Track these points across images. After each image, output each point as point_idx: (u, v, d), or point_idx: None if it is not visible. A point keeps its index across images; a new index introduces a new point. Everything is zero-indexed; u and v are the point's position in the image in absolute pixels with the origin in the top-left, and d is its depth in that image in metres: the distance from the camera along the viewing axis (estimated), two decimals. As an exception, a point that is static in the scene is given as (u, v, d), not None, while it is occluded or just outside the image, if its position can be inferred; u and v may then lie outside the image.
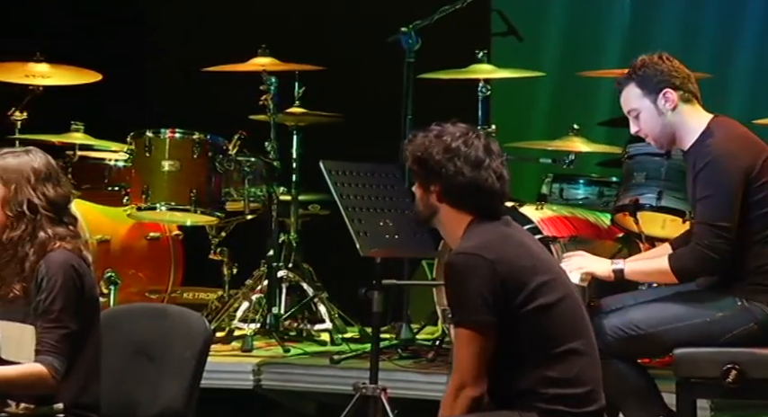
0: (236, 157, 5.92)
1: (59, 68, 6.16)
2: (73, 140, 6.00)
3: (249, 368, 5.36)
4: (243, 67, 6.11)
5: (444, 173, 3.37)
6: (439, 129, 3.43)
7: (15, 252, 3.63)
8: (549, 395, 3.32)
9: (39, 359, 3.58)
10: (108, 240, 5.87)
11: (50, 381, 3.57)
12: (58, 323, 3.59)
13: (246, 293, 5.95)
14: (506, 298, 3.30)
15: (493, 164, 3.41)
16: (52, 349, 3.58)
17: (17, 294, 3.64)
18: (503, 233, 3.42)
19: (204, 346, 3.88)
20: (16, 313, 3.66)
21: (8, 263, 3.64)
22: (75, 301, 3.62)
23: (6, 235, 3.65)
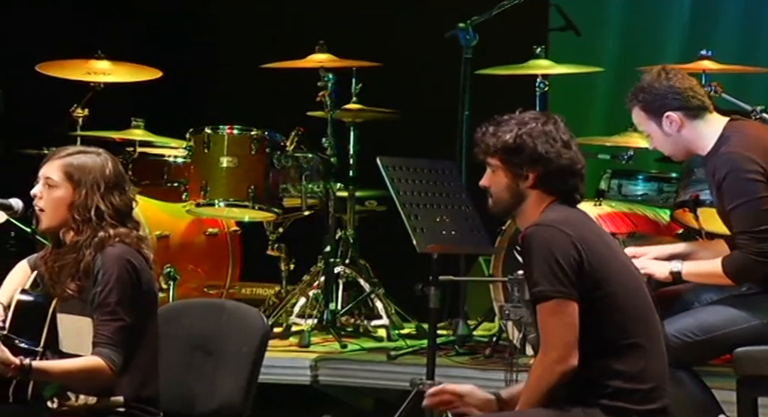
0: (293, 153, 5.93)
1: (120, 65, 6.21)
2: (133, 137, 6.05)
3: (306, 363, 5.37)
4: (301, 64, 6.13)
5: (546, 155, 3.34)
6: (518, 117, 3.41)
7: (76, 255, 3.67)
8: (612, 389, 3.29)
9: (95, 351, 3.62)
10: (167, 236, 5.92)
11: (108, 373, 3.61)
12: (113, 315, 3.63)
13: (303, 289, 5.97)
14: (579, 278, 3.27)
15: (576, 154, 3.41)
16: (108, 341, 3.62)
17: (72, 293, 3.69)
18: (579, 215, 3.41)
19: (262, 341, 3.90)
20: (73, 309, 3.70)
21: (66, 265, 3.69)
22: (130, 294, 3.65)
23: (71, 237, 3.70)
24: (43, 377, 3.61)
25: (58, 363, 3.63)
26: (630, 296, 3.34)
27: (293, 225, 6.15)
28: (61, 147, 3.82)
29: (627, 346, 3.30)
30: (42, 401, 3.67)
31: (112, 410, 3.68)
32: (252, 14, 7.17)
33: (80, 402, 3.67)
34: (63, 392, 3.67)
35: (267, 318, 4.10)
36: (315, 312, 5.85)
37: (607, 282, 3.30)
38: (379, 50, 6.24)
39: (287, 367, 5.37)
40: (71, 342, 3.69)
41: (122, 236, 3.70)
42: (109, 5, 7.02)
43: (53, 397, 3.68)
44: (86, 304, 3.67)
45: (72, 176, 3.70)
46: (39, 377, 3.60)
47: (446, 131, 5.68)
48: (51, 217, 3.72)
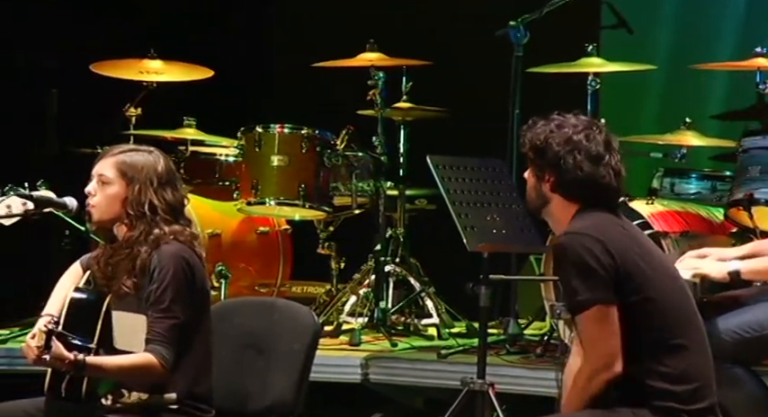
0: (343, 152, 5.94)
1: (172, 65, 6.25)
2: (185, 136, 6.09)
3: (357, 362, 5.38)
4: (351, 63, 6.13)
5: (562, 165, 3.35)
6: (561, 120, 3.40)
7: (131, 251, 3.70)
8: (659, 390, 3.27)
9: (148, 348, 3.65)
10: (219, 234, 5.95)
11: (160, 370, 3.63)
12: (167, 313, 3.65)
13: (354, 287, 5.98)
14: (616, 283, 3.25)
15: (612, 160, 3.38)
16: (161, 338, 3.64)
17: (128, 290, 3.71)
18: (611, 220, 3.39)
19: (313, 340, 3.91)
20: (129, 306, 3.73)
21: (122, 261, 3.72)
22: (185, 292, 3.68)
23: (125, 233, 3.73)
24: (96, 373, 3.64)
25: (111, 359, 3.66)
26: (670, 297, 3.32)
27: (343, 223, 6.16)
28: (114, 146, 3.86)
29: (669, 347, 3.29)
30: (96, 398, 3.71)
31: (165, 407, 3.70)
32: (303, 14, 7.19)
33: (133, 398, 3.70)
34: (117, 389, 3.70)
35: (318, 316, 4.11)
36: (365, 310, 5.85)
37: (644, 286, 3.28)
38: (429, 49, 6.23)
39: (338, 365, 5.37)
40: (125, 340, 3.72)
41: (177, 234, 3.72)
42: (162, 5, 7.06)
43: (107, 394, 3.71)
44: (141, 301, 3.70)
45: (125, 173, 3.74)
46: (92, 372, 3.63)
47: (496, 130, 5.66)
48: (103, 210, 3.75)
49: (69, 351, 3.58)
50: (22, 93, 6.59)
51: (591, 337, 3.25)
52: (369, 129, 6.03)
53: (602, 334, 3.23)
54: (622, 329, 3.25)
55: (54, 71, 6.66)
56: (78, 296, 3.77)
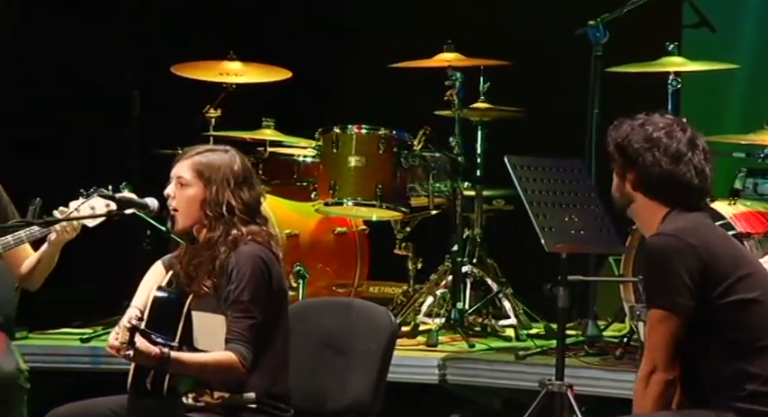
0: (420, 153, 5.94)
1: (251, 66, 6.29)
2: (264, 136, 6.13)
3: (434, 362, 5.37)
4: (428, 63, 6.13)
5: (641, 162, 3.33)
6: (644, 118, 3.39)
7: (212, 252, 3.74)
8: (747, 392, 3.24)
9: (228, 347, 3.67)
10: (297, 234, 5.98)
11: (239, 369, 3.66)
12: (246, 313, 3.68)
13: (431, 288, 5.97)
14: (705, 286, 3.24)
15: (695, 158, 3.35)
16: (240, 337, 3.67)
17: (207, 291, 3.75)
18: (704, 222, 3.36)
19: (390, 340, 3.91)
20: (208, 306, 3.76)
21: (202, 262, 3.75)
22: (263, 292, 3.70)
23: (204, 235, 3.77)
24: (179, 369, 3.68)
25: (193, 356, 3.69)
26: (761, 300, 3.28)
27: (420, 224, 6.15)
28: (190, 147, 3.89)
29: (759, 349, 3.26)
30: (178, 395, 3.75)
31: (245, 406, 3.73)
32: (380, 14, 7.20)
33: (214, 397, 3.73)
34: (197, 387, 3.74)
35: (395, 317, 4.11)
36: (442, 311, 5.85)
37: (734, 289, 3.26)
38: (507, 48, 6.21)
39: (415, 365, 5.37)
40: (205, 339, 3.75)
41: (254, 234, 3.75)
42: (240, 6, 7.12)
43: (188, 392, 3.75)
44: (220, 301, 3.73)
45: (202, 174, 3.76)
46: (175, 367, 3.66)
47: (575, 130, 5.62)
48: (186, 215, 3.79)
49: (153, 347, 3.63)
50: (105, 96, 6.68)
51: (651, 340, 3.27)
52: (446, 130, 6.02)
53: (659, 339, 3.24)
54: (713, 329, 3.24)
55: (136, 73, 6.75)
56: (161, 295, 3.82)
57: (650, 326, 3.27)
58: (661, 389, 3.24)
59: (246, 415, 3.72)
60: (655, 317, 3.25)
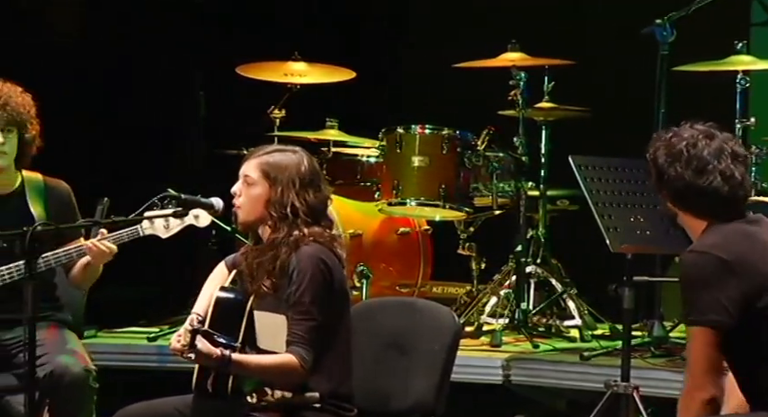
0: (484, 153, 5.92)
1: (316, 67, 6.31)
2: (327, 137, 6.15)
3: (498, 363, 5.36)
4: (493, 63, 6.11)
5: (666, 177, 3.34)
6: (675, 131, 3.39)
7: (274, 252, 3.75)
8: None
9: (289, 349, 3.69)
10: (360, 234, 5.99)
11: (300, 370, 3.68)
12: (307, 315, 3.69)
13: (495, 288, 5.95)
14: (745, 300, 3.20)
15: (721, 165, 3.31)
16: (301, 340, 3.68)
17: (268, 291, 3.76)
18: (744, 232, 3.31)
19: (453, 340, 3.91)
20: (269, 306, 3.78)
21: (264, 262, 3.77)
22: (323, 294, 3.71)
23: (269, 235, 3.78)
24: (240, 371, 3.70)
25: (254, 358, 3.71)
26: None
27: (484, 224, 6.14)
28: (260, 146, 3.91)
29: None
30: (242, 395, 3.77)
31: (308, 406, 3.74)
32: (444, 14, 7.19)
33: (277, 397, 3.75)
34: (261, 387, 3.76)
35: (458, 317, 4.10)
36: (506, 311, 5.83)
37: None
38: (572, 48, 6.17)
39: (479, 366, 5.36)
40: (267, 339, 3.77)
41: (316, 236, 3.76)
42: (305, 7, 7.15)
43: (252, 392, 3.77)
44: (281, 301, 3.75)
45: (268, 174, 3.78)
46: (236, 369, 3.69)
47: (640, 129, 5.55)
48: (248, 212, 3.81)
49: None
50: (171, 97, 6.74)
51: (690, 355, 3.26)
52: (510, 130, 6.00)
53: (698, 355, 3.22)
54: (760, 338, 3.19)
55: (201, 74, 6.80)
56: (224, 295, 3.84)
57: (689, 343, 3.27)
58: (698, 408, 3.22)
59: (310, 415, 3.73)
60: (692, 335, 3.24)
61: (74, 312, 4.63)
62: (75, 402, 4.27)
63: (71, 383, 4.24)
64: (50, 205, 4.47)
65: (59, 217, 4.30)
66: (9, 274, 4.33)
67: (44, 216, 4.38)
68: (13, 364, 4.38)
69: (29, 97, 4.42)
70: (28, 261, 3.53)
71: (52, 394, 4.25)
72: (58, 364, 4.25)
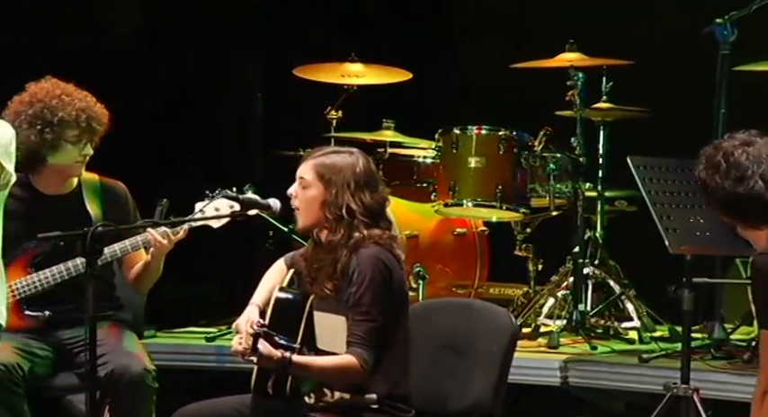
0: (541, 153, 5.90)
1: (372, 68, 6.32)
2: (384, 138, 6.15)
3: (555, 364, 5.33)
4: (550, 63, 6.08)
5: (710, 190, 3.37)
6: (717, 143, 3.42)
7: (333, 255, 3.76)
8: None
9: (349, 350, 3.70)
10: (416, 235, 5.99)
11: (360, 371, 3.68)
12: (367, 316, 3.70)
13: (552, 289, 5.93)
14: None
15: (760, 169, 3.31)
16: (361, 341, 3.69)
17: (328, 292, 3.77)
18: None
19: (511, 341, 3.90)
20: (329, 307, 3.79)
21: (323, 264, 3.78)
22: (383, 295, 3.71)
23: (326, 237, 3.79)
24: (300, 372, 3.71)
25: (314, 359, 3.72)
26: None
27: (541, 225, 6.11)
28: (317, 148, 3.92)
29: None
30: (300, 396, 3.78)
31: (366, 407, 3.74)
32: (500, 14, 7.17)
33: (335, 398, 3.76)
34: (319, 388, 3.77)
35: (515, 318, 4.09)
36: (564, 313, 5.80)
37: None
38: (630, 48, 6.13)
39: (536, 367, 5.33)
40: (326, 340, 3.78)
41: (375, 237, 3.76)
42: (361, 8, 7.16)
43: (310, 393, 3.78)
44: (341, 303, 3.75)
45: (323, 175, 3.79)
46: (296, 370, 3.70)
47: (700, 130, 5.51)
48: (306, 215, 3.82)
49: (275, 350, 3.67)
50: (228, 98, 6.78)
51: (763, 358, 3.25)
52: (567, 130, 5.97)
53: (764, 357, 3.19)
54: None
55: (259, 75, 6.84)
56: (283, 296, 3.85)
57: (762, 346, 3.27)
58: None
59: (368, 416, 3.74)
60: (763, 337, 3.22)
61: (134, 312, 4.67)
62: (134, 401, 4.31)
63: (131, 382, 4.28)
64: (107, 205, 4.51)
65: (116, 217, 4.35)
66: (68, 272, 4.38)
67: (100, 216, 4.43)
68: (74, 363, 4.43)
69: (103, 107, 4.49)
70: (88, 260, 3.55)
71: (112, 394, 4.30)
72: (118, 364, 4.29)
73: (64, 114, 4.38)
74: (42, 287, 4.41)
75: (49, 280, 4.40)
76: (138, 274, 4.49)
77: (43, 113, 4.38)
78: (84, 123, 4.40)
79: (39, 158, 4.41)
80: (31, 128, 4.36)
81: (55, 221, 4.11)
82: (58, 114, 4.38)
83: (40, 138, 4.37)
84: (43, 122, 4.37)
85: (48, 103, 4.39)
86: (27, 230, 4.32)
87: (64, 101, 4.40)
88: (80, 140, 4.41)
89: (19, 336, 4.35)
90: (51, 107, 4.38)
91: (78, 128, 4.40)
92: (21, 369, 4.29)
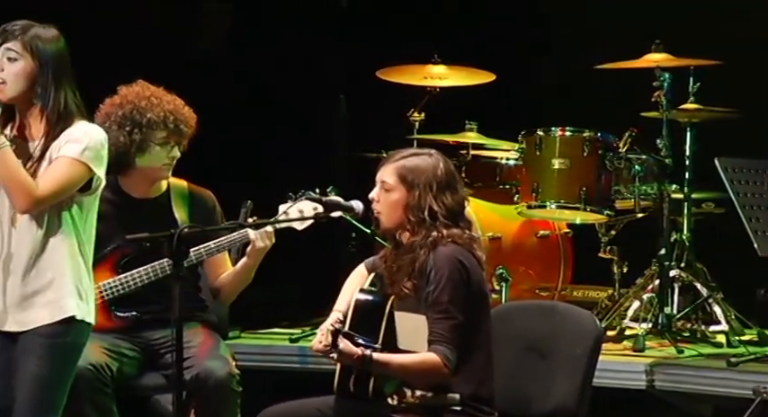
0: (626, 155, 5.85)
1: (455, 69, 6.31)
2: (466, 139, 6.14)
3: (641, 368, 5.27)
4: (636, 64, 6.02)
5: None
6: None
7: (413, 255, 3.76)
8: None
9: (431, 348, 3.70)
10: (499, 237, 5.97)
11: (443, 370, 3.68)
12: (446, 313, 3.70)
13: (637, 292, 5.87)
14: None
15: None
16: (443, 339, 3.69)
17: (408, 292, 3.78)
18: None
19: (595, 344, 3.87)
20: (409, 307, 3.79)
21: (403, 265, 3.78)
22: (461, 294, 3.71)
23: (407, 238, 3.80)
24: (382, 370, 3.72)
25: (396, 357, 3.73)
26: None
27: (626, 227, 6.05)
28: (395, 151, 3.93)
29: None
30: (383, 397, 3.79)
31: (448, 407, 3.74)
32: (586, 14, 7.11)
33: (417, 398, 3.75)
34: (402, 388, 3.77)
35: (600, 321, 4.05)
36: (649, 316, 5.74)
37: None
38: (718, 48, 6.04)
39: (621, 371, 5.28)
40: (408, 339, 3.78)
41: (455, 237, 3.76)
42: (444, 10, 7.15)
43: (393, 393, 3.78)
44: (421, 302, 3.76)
45: (405, 178, 3.80)
46: (377, 368, 3.71)
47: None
48: (388, 219, 3.83)
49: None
50: (312, 100, 6.82)
51: None
52: (653, 131, 5.90)
53: None
54: None
55: (342, 77, 6.87)
56: (363, 297, 3.86)
57: None
58: None
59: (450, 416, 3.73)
60: None
61: (218, 313, 4.71)
62: (219, 405, 4.35)
63: (215, 386, 4.32)
64: (194, 211, 4.56)
65: (203, 223, 4.39)
66: (154, 273, 4.44)
67: (187, 221, 4.47)
68: (160, 363, 4.48)
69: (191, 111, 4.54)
70: (175, 262, 3.59)
71: (198, 397, 4.34)
72: (203, 367, 4.33)
73: (152, 116, 4.44)
74: (129, 288, 4.46)
75: (136, 282, 4.45)
76: (227, 281, 4.52)
77: (132, 115, 4.44)
78: (172, 125, 4.46)
79: (127, 160, 4.47)
80: (120, 130, 4.43)
81: (142, 224, 4.16)
82: (146, 116, 4.43)
83: (128, 139, 4.43)
84: (132, 123, 4.44)
85: (137, 105, 4.45)
86: (115, 232, 4.38)
87: (153, 102, 4.46)
88: (167, 142, 4.47)
89: (108, 336, 4.41)
90: (140, 108, 4.44)
91: (166, 129, 4.45)
92: (109, 369, 4.35)
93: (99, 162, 3.74)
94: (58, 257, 3.70)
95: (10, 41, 3.68)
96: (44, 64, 3.68)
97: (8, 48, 3.68)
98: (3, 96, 3.69)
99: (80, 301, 3.72)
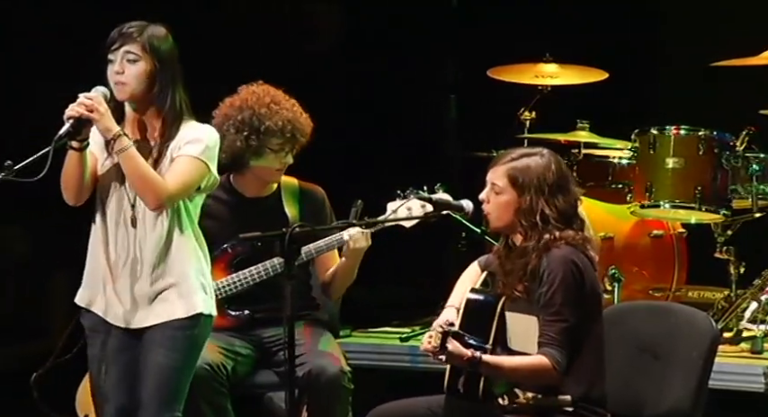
0: (743, 153, 5.74)
1: (567, 68, 6.26)
2: (578, 139, 6.09)
3: (759, 370, 5.17)
4: (754, 61, 5.89)
5: None
6: None
7: (525, 259, 3.74)
8: None
9: (541, 350, 3.68)
10: (611, 237, 5.90)
11: (552, 372, 3.65)
12: (558, 316, 3.67)
13: (755, 293, 5.75)
14: None
15: None
16: (553, 341, 3.66)
17: (520, 295, 3.75)
18: None
19: (711, 346, 3.81)
20: (521, 308, 3.77)
21: (515, 268, 3.76)
22: (575, 295, 3.68)
23: (520, 242, 3.77)
24: (491, 371, 3.70)
25: (505, 359, 3.71)
26: None
27: (743, 227, 5.94)
28: (506, 151, 3.90)
29: None
30: (493, 397, 3.77)
31: (560, 409, 3.71)
32: (701, 10, 7.00)
33: (528, 399, 3.73)
34: (512, 389, 3.75)
35: (716, 322, 3.98)
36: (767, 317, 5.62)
37: None
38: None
39: (738, 373, 5.19)
40: (519, 340, 3.76)
41: (568, 238, 3.73)
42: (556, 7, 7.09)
43: (503, 395, 3.77)
44: (532, 303, 3.73)
45: (516, 181, 3.76)
46: (487, 369, 3.70)
47: None
48: (499, 219, 3.81)
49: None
50: (422, 99, 6.83)
51: None
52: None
53: None
54: None
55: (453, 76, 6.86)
56: (475, 297, 3.85)
57: None
58: None
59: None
60: None
61: (330, 312, 4.74)
62: (331, 401, 4.38)
63: (327, 383, 4.35)
64: (305, 208, 4.60)
65: (313, 220, 4.43)
66: (266, 272, 4.48)
67: (298, 218, 4.52)
68: (273, 361, 4.53)
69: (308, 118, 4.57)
70: (287, 260, 3.63)
71: (310, 394, 4.38)
72: (315, 365, 4.37)
73: (271, 123, 4.48)
74: (242, 286, 4.52)
75: (248, 280, 4.51)
76: (332, 278, 4.55)
77: (251, 121, 4.48)
78: (289, 133, 4.50)
79: (242, 162, 4.53)
80: (237, 133, 4.48)
81: (254, 223, 4.21)
82: (265, 123, 4.48)
83: (245, 144, 4.48)
84: (250, 129, 4.48)
85: (257, 111, 4.49)
86: (228, 231, 4.44)
87: (272, 109, 4.49)
88: (282, 149, 4.51)
89: (222, 335, 4.47)
90: (260, 115, 4.49)
91: (283, 137, 4.50)
92: (225, 369, 4.41)
93: (214, 161, 3.82)
94: (182, 254, 3.77)
95: (128, 44, 3.76)
96: (162, 64, 3.75)
97: (127, 51, 3.76)
98: (123, 95, 3.77)
99: (205, 295, 3.81)
